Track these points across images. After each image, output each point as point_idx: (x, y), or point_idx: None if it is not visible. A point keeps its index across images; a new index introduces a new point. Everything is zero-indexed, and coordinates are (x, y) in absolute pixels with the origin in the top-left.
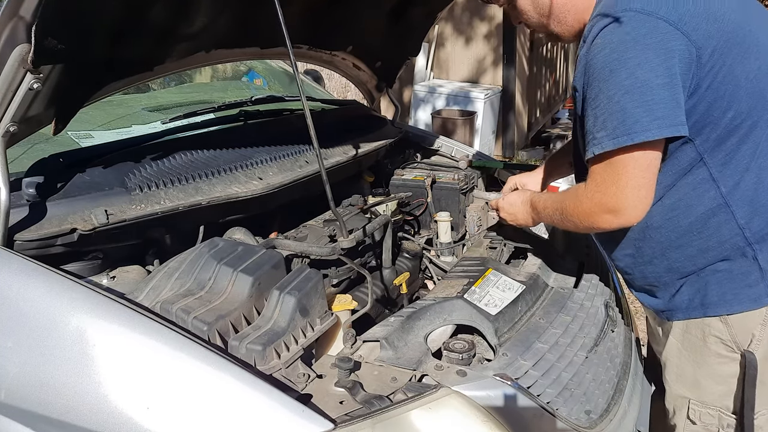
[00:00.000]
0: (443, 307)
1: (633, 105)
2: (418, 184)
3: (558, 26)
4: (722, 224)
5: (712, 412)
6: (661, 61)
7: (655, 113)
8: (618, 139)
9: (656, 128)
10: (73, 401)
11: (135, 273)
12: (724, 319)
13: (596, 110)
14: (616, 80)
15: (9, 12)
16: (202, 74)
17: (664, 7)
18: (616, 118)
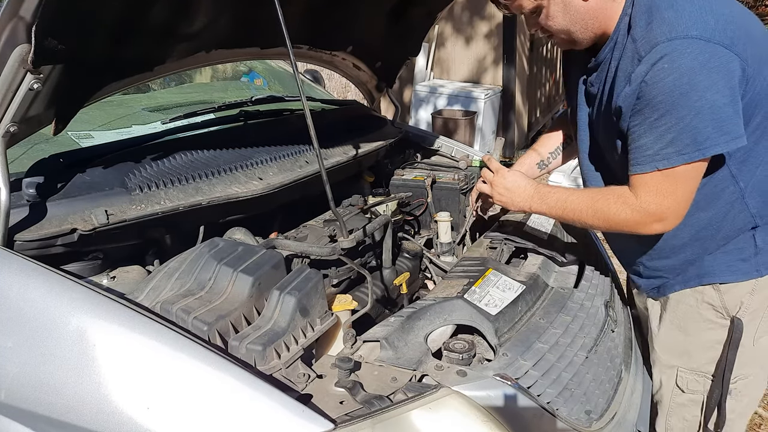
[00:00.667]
0: (443, 307)
1: (704, 124)
2: (418, 184)
3: (583, 33)
4: (737, 215)
5: (698, 379)
6: (725, 82)
7: (723, 129)
8: (689, 154)
9: (724, 143)
10: (74, 401)
11: (135, 273)
12: (717, 287)
13: (660, 129)
14: (686, 103)
15: (9, 12)
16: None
17: (718, 33)
18: (688, 136)
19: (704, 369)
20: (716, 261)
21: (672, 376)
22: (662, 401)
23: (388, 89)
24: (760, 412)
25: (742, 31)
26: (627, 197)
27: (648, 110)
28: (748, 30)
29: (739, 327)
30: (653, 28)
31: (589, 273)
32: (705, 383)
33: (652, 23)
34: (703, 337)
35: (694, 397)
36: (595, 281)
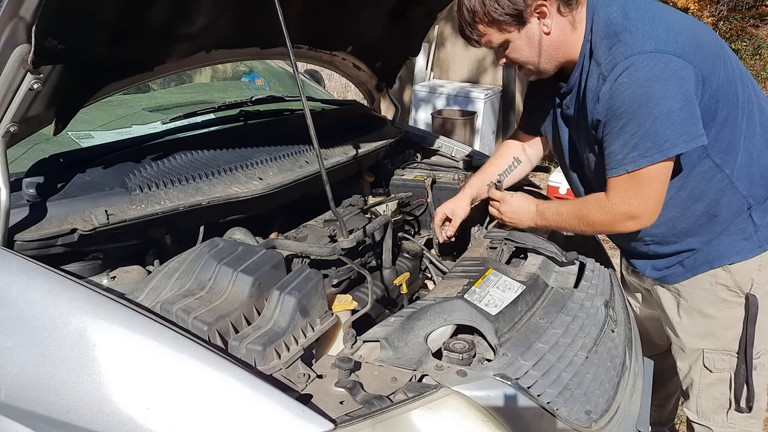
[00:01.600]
0: (443, 307)
1: (663, 128)
2: (418, 184)
3: (547, 64)
4: (731, 199)
5: (725, 357)
6: (679, 88)
7: (680, 131)
8: (651, 156)
9: (683, 143)
10: (74, 401)
11: (135, 273)
12: (727, 268)
13: (625, 136)
14: (645, 111)
15: (9, 12)
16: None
17: (671, 44)
18: (649, 140)
19: (729, 347)
20: (721, 244)
21: (699, 359)
22: (692, 385)
23: (388, 89)
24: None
25: (692, 38)
26: (601, 200)
27: (614, 121)
28: (696, 36)
29: (755, 302)
30: (613, 51)
31: (589, 273)
32: (731, 360)
33: (613, 46)
34: (724, 316)
35: (722, 375)
36: (595, 281)
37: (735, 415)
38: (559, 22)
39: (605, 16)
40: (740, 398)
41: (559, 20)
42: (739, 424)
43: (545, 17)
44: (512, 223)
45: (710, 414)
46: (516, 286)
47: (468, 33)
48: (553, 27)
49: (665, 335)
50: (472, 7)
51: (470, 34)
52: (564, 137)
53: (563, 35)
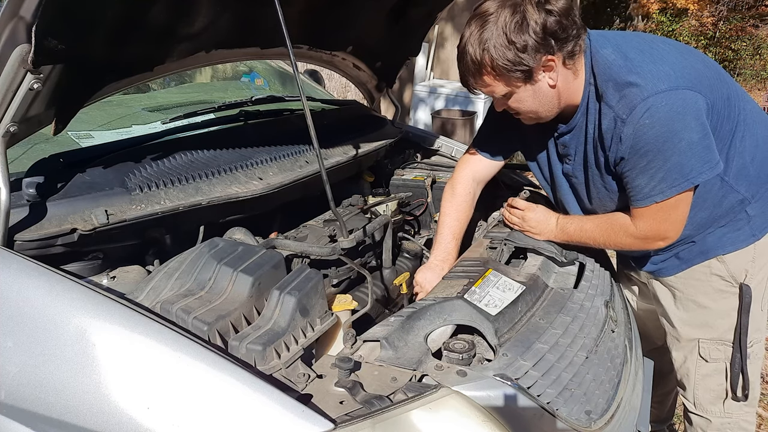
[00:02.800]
0: (443, 307)
1: (687, 160)
2: (418, 184)
3: (549, 112)
4: (732, 200)
5: (720, 347)
6: (696, 120)
7: (703, 159)
8: (680, 186)
9: (707, 170)
10: (74, 401)
11: (135, 273)
12: (721, 259)
13: (651, 171)
14: (669, 146)
15: (9, 12)
16: (202, 74)
17: (680, 78)
18: (676, 172)
19: (724, 337)
20: (715, 236)
21: (694, 349)
22: (688, 375)
23: (388, 89)
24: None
25: (692, 69)
26: (628, 227)
27: (638, 159)
28: (694, 66)
29: (748, 292)
30: (627, 94)
31: (589, 273)
32: (726, 350)
33: (624, 89)
34: (719, 306)
35: (717, 365)
36: (595, 281)
37: (732, 404)
38: (563, 73)
39: (603, 58)
40: (736, 387)
41: (563, 72)
42: (735, 413)
43: (552, 71)
44: (531, 234)
45: (707, 405)
46: (516, 286)
47: (471, 83)
48: (558, 79)
49: (662, 329)
50: (479, 59)
51: (473, 84)
52: (557, 171)
53: (566, 84)
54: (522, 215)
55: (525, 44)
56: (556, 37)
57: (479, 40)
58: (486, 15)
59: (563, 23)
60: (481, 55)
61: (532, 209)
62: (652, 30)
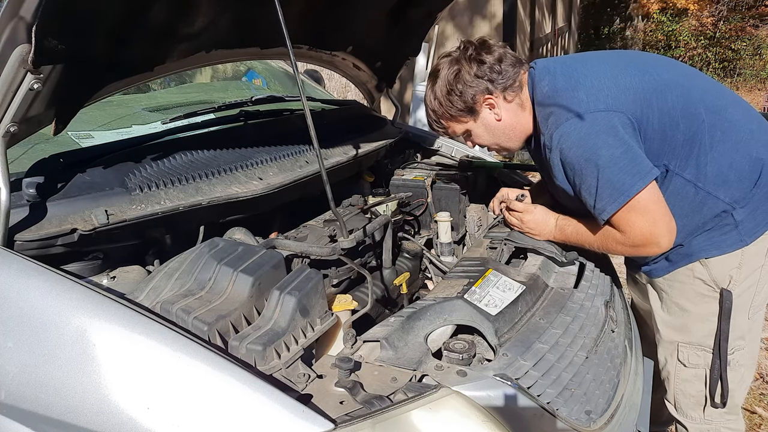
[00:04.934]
0: (443, 307)
1: (614, 175)
2: (418, 184)
3: (508, 142)
4: (713, 207)
5: (699, 353)
6: (611, 137)
7: (631, 171)
8: (618, 200)
9: (639, 180)
10: (74, 401)
11: (135, 273)
12: (704, 262)
13: (589, 189)
14: (592, 165)
15: (9, 12)
16: (202, 74)
17: (591, 103)
18: (609, 187)
19: (703, 343)
20: (700, 239)
21: (674, 352)
22: (668, 378)
23: (388, 89)
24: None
25: (613, 89)
26: (617, 237)
27: (572, 180)
28: (619, 83)
29: (729, 298)
30: (548, 124)
31: (589, 273)
32: (705, 356)
33: (549, 118)
34: (699, 310)
35: (697, 371)
36: (595, 281)
37: (712, 411)
38: (508, 108)
39: (539, 90)
40: (714, 393)
41: (507, 106)
42: (716, 420)
43: (494, 107)
44: (531, 234)
45: (687, 410)
46: (516, 286)
47: (436, 127)
48: (503, 113)
49: None
50: (433, 108)
51: (437, 128)
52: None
53: (515, 117)
54: (521, 217)
55: (461, 90)
56: (490, 80)
57: (432, 93)
58: (436, 73)
59: (495, 68)
60: (433, 104)
61: (530, 211)
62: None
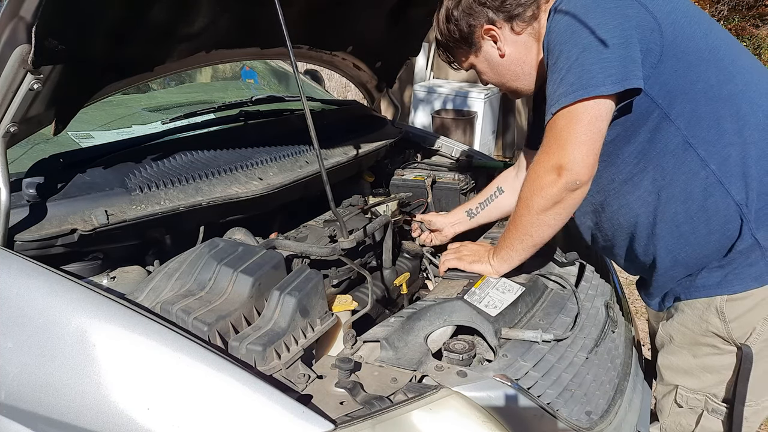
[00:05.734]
0: (443, 308)
1: (590, 62)
2: (418, 184)
3: (515, 82)
4: (719, 203)
5: (699, 397)
6: (618, 23)
7: (609, 70)
8: (574, 93)
9: (610, 84)
10: (74, 402)
11: (135, 273)
12: (722, 315)
13: (555, 73)
14: (576, 40)
15: (9, 12)
16: (202, 74)
17: None
18: (574, 74)
19: (707, 391)
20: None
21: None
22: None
23: (388, 89)
24: None
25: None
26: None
27: (550, 57)
28: None
29: (749, 356)
30: None
31: (589, 273)
32: (707, 402)
33: None
34: (709, 362)
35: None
36: (595, 281)
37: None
38: (515, 41)
39: None
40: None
41: (514, 39)
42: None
43: (498, 40)
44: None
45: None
46: (515, 287)
47: (442, 57)
48: (508, 48)
49: None
50: (436, 36)
51: (445, 57)
52: None
53: (525, 51)
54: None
55: (458, 17)
56: (494, 8)
57: (436, 18)
58: None
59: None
60: (435, 31)
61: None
62: None
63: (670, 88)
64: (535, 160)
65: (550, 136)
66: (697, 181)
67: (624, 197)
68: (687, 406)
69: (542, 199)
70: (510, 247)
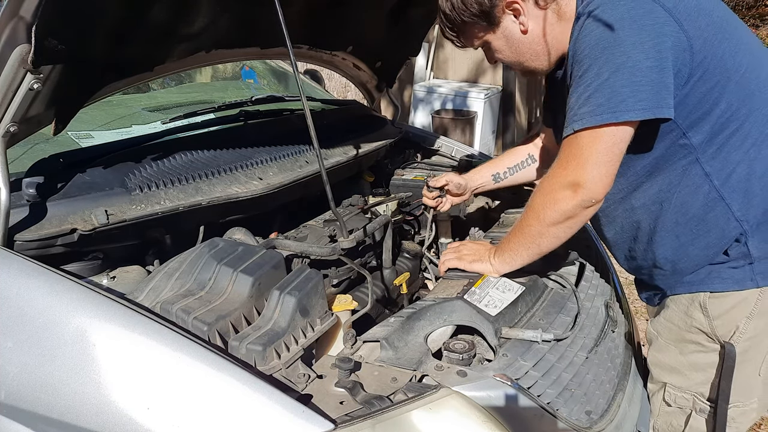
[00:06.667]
0: (443, 307)
1: (621, 84)
2: (418, 184)
3: (534, 61)
4: (719, 217)
5: (687, 396)
6: (654, 44)
7: (640, 95)
8: (602, 116)
9: (640, 110)
10: (74, 401)
11: (135, 273)
12: (706, 311)
13: (581, 87)
14: (608, 57)
15: (9, 12)
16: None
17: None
18: (603, 95)
19: (694, 389)
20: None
21: (660, 390)
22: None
23: (388, 89)
24: None
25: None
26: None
27: (576, 67)
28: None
29: (732, 354)
30: None
31: (589, 273)
32: (695, 401)
33: None
34: (694, 359)
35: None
36: (595, 281)
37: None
38: (538, 16)
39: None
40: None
41: (538, 14)
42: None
43: (520, 14)
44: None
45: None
46: (515, 287)
47: (448, 35)
48: (531, 23)
49: None
50: (444, 11)
51: (450, 36)
52: None
53: (548, 28)
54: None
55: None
56: None
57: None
58: None
59: None
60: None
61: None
62: None
63: (692, 109)
64: (550, 173)
65: (569, 152)
66: (699, 194)
67: (628, 203)
68: (676, 405)
69: (555, 213)
70: (514, 251)
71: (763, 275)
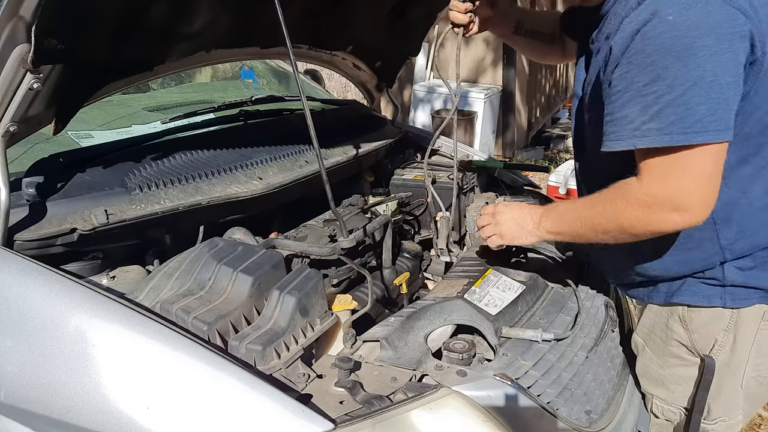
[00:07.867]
0: (443, 307)
1: (697, 101)
2: (418, 184)
3: None
4: (705, 241)
5: (674, 409)
6: (734, 56)
7: (717, 114)
8: (673, 136)
9: (714, 131)
10: (73, 401)
11: (135, 273)
12: (686, 324)
13: (647, 97)
14: (682, 68)
15: (9, 12)
16: (202, 74)
17: None
18: (676, 113)
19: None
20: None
21: (648, 401)
22: None
23: (388, 89)
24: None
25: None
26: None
27: (637, 71)
28: None
29: (711, 367)
30: None
31: (589, 273)
32: (681, 415)
33: None
34: (677, 372)
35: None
36: (595, 281)
37: None
38: None
39: None
40: None
41: None
42: None
43: None
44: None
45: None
46: (516, 286)
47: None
48: None
49: None
50: None
51: None
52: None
53: None
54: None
55: None
56: None
57: None
58: None
59: None
60: None
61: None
62: None
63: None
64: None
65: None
66: None
67: None
68: (663, 417)
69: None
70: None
71: (732, 297)
